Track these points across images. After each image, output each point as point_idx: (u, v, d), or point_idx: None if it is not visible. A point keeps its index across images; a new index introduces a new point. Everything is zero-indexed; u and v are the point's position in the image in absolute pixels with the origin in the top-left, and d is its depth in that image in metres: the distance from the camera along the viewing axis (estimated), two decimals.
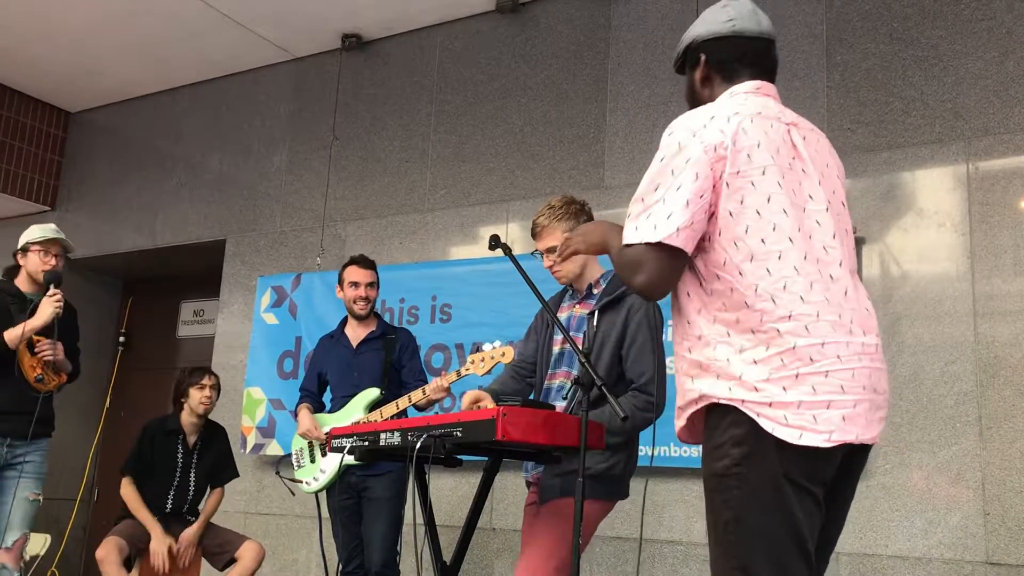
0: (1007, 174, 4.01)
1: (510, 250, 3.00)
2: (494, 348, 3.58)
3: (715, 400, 1.88)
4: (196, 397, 4.60)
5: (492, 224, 5.30)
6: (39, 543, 5.73)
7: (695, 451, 4.29)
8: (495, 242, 3.01)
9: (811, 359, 1.83)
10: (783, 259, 1.88)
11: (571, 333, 2.93)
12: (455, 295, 5.22)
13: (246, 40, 6.11)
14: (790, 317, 1.84)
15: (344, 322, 4.38)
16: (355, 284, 4.23)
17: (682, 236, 1.86)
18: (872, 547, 3.94)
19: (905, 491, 3.93)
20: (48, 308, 4.02)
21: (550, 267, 3.04)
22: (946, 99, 4.21)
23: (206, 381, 4.64)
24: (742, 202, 1.89)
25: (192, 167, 6.71)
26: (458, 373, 3.73)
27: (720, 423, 1.89)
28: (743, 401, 1.84)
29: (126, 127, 7.17)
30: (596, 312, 2.86)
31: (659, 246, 1.86)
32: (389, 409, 3.96)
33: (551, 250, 2.98)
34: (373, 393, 4.08)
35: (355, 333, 4.30)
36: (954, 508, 3.84)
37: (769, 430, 1.81)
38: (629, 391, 2.85)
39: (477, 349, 3.66)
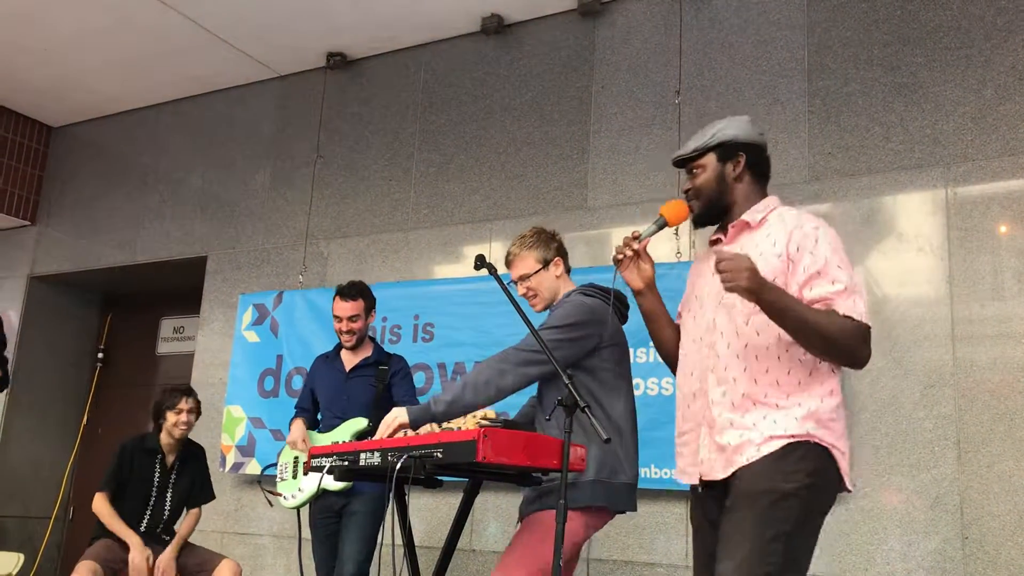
0: (985, 199, 4.06)
1: (495, 270, 3.01)
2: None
3: (789, 437, 2.24)
4: (172, 420, 4.53)
5: (475, 243, 5.30)
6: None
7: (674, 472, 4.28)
8: (480, 262, 3.01)
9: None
10: None
11: None
12: (438, 314, 5.21)
13: (230, 57, 6.11)
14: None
15: (341, 343, 4.34)
16: (337, 318, 4.20)
17: None
18: (850, 570, 3.95)
19: (884, 514, 3.95)
20: None
21: (524, 294, 3.16)
22: (925, 125, 4.26)
23: (183, 405, 4.54)
24: None
25: (174, 183, 6.69)
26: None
27: (789, 455, 2.23)
28: (818, 437, 2.25)
29: (108, 142, 7.14)
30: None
31: (867, 328, 2.24)
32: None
33: (523, 278, 3.12)
34: (361, 423, 4.01)
35: (349, 358, 4.27)
36: (932, 532, 3.85)
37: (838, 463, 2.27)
38: None
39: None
